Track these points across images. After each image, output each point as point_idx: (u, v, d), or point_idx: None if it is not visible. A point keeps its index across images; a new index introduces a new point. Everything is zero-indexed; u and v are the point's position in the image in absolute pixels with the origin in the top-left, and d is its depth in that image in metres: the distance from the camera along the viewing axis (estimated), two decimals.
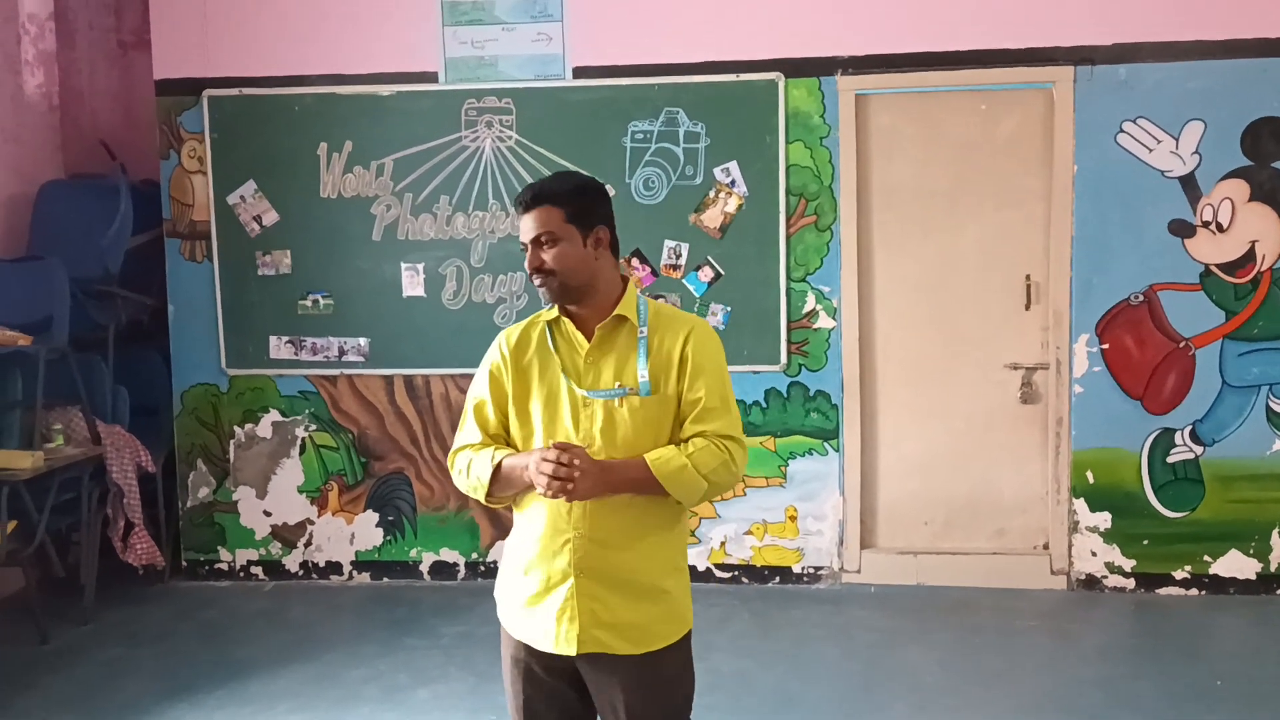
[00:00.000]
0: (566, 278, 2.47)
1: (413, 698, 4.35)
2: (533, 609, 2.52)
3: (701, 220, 5.39)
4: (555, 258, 2.46)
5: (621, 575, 2.48)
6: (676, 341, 2.51)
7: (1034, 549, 5.42)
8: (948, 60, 5.21)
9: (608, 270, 2.54)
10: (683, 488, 2.44)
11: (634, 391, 2.47)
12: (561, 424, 2.49)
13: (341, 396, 5.65)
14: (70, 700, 4.38)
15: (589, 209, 2.51)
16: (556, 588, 2.48)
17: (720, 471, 2.46)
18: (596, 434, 2.47)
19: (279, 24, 5.50)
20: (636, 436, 2.47)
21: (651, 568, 2.50)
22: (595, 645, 2.47)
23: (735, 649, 4.75)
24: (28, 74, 5.88)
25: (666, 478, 2.42)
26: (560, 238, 2.46)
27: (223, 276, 5.61)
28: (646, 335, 2.51)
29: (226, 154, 5.57)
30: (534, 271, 2.48)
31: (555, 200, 2.48)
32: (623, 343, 2.51)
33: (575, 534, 2.46)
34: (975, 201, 5.34)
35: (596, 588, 2.46)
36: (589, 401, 2.48)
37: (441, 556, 5.67)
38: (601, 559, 2.46)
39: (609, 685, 2.49)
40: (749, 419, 5.43)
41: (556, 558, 2.48)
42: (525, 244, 2.50)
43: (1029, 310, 5.34)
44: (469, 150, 5.47)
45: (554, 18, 5.38)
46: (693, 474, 2.43)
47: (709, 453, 2.44)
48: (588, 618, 2.46)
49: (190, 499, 5.76)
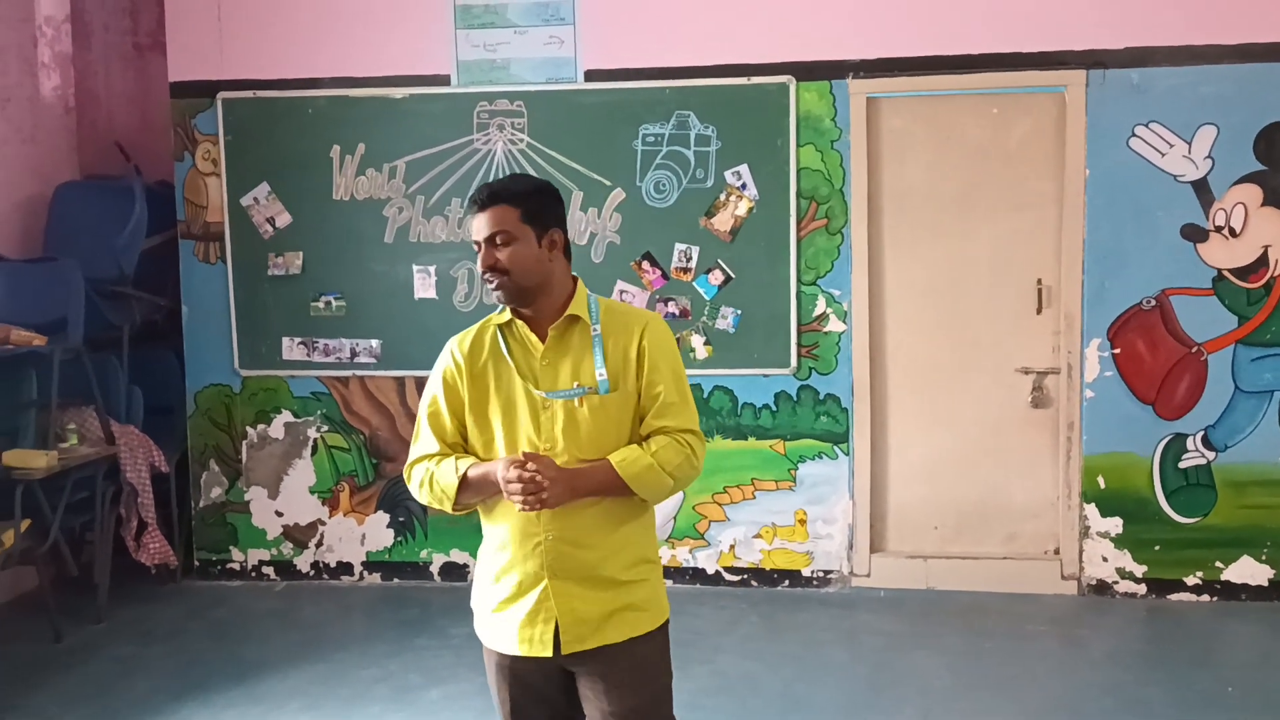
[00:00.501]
0: (520, 278, 2.46)
1: (423, 698, 4.36)
2: (504, 614, 2.52)
3: (712, 223, 5.40)
4: (509, 257, 2.45)
5: (594, 572, 2.48)
6: (632, 338, 2.51)
7: (1045, 554, 5.41)
8: (959, 64, 5.21)
9: (560, 273, 2.53)
10: (649, 487, 2.46)
11: (593, 390, 2.47)
12: (522, 427, 2.48)
13: (353, 398, 5.67)
14: (83, 698, 4.41)
15: (544, 210, 2.51)
16: (529, 591, 2.48)
17: (683, 468, 2.48)
18: (558, 435, 2.47)
19: (293, 27, 5.53)
20: (599, 434, 2.47)
21: (623, 561, 2.51)
22: (578, 643, 2.48)
23: (743, 651, 4.75)
24: (44, 76, 5.93)
25: (633, 479, 2.44)
26: (515, 237, 2.45)
27: (236, 278, 5.65)
28: (600, 333, 2.51)
29: (240, 156, 5.60)
30: (487, 270, 2.47)
31: (511, 200, 2.48)
32: (577, 342, 2.51)
33: (545, 536, 2.47)
34: (987, 205, 5.33)
35: (572, 587, 2.47)
36: (549, 403, 2.47)
37: (451, 558, 5.69)
38: (573, 558, 2.47)
39: (591, 680, 2.51)
40: (758, 422, 5.43)
41: (527, 561, 2.48)
42: (479, 242, 2.49)
43: (1040, 314, 5.33)
44: (481, 153, 5.49)
45: (566, 21, 5.39)
46: (658, 473, 2.45)
47: (672, 450, 2.46)
48: (568, 616, 2.47)
49: (203, 499, 5.79)
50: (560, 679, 2.54)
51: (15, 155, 5.70)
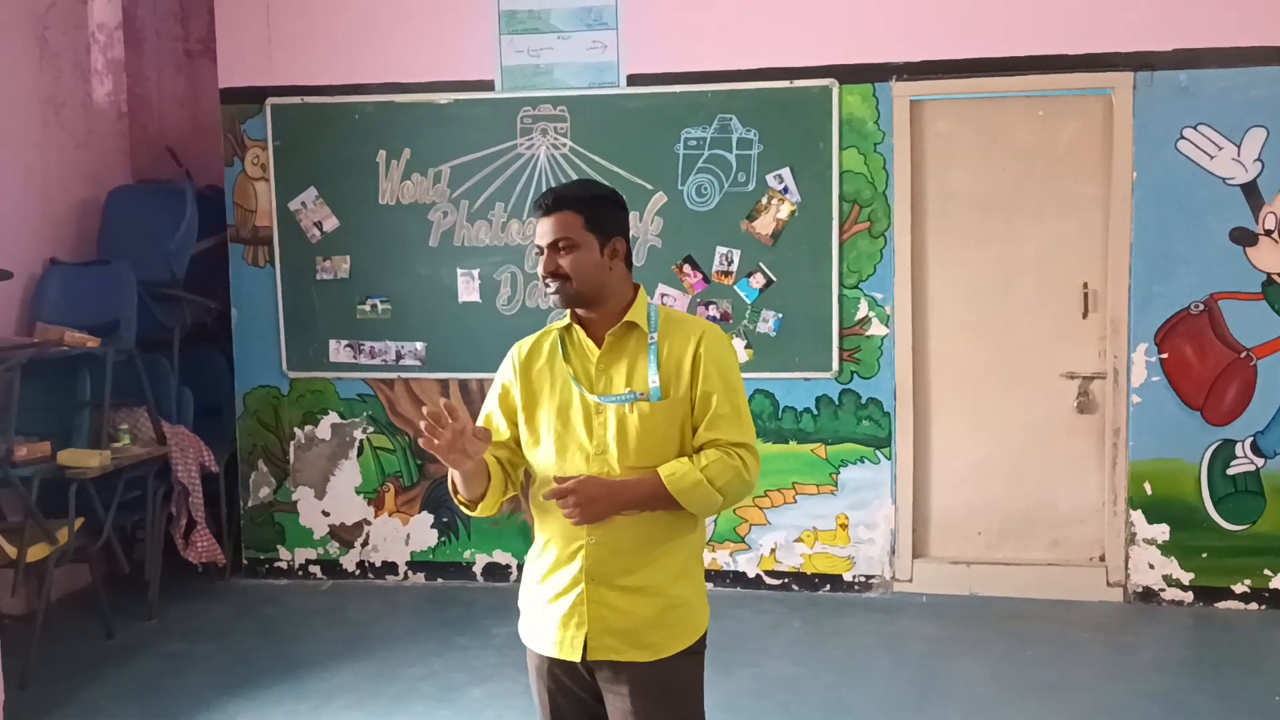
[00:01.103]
0: (580, 284, 2.47)
1: (467, 696, 4.41)
2: (544, 615, 2.53)
3: (754, 227, 5.40)
4: (571, 264, 2.46)
5: (632, 582, 2.47)
6: (687, 346, 2.50)
7: (1090, 560, 5.37)
8: (1005, 66, 5.18)
9: (619, 280, 2.53)
10: (697, 503, 2.43)
11: (644, 397, 2.47)
12: (574, 432, 2.50)
13: (398, 399, 5.74)
14: (134, 693, 4.50)
15: (607, 218, 2.52)
16: (567, 594, 2.49)
17: (735, 483, 2.44)
18: (610, 440, 2.47)
19: (340, 34, 5.60)
20: (648, 442, 2.46)
21: (662, 574, 2.49)
22: (606, 652, 2.47)
23: (786, 656, 4.75)
24: (97, 82, 6.04)
25: (681, 494, 2.41)
26: (578, 244, 2.46)
27: (284, 281, 5.72)
28: (656, 341, 2.50)
29: (288, 161, 5.68)
30: (548, 276, 2.48)
31: (575, 206, 2.48)
32: (633, 349, 2.51)
33: (587, 541, 2.47)
34: (1032, 209, 5.30)
35: (607, 594, 2.46)
36: (601, 408, 2.48)
37: (494, 558, 5.74)
38: (611, 565, 2.46)
39: (619, 692, 2.49)
40: (799, 426, 5.43)
41: (569, 564, 2.49)
42: (541, 247, 2.50)
43: (1086, 319, 5.29)
44: (524, 157, 5.53)
45: (609, 26, 5.42)
46: (707, 489, 2.41)
47: (722, 464, 2.43)
48: (597, 624, 2.46)
49: (251, 498, 5.88)
50: (596, 685, 2.54)
51: (70, 160, 5.82)
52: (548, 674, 2.56)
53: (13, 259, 5.16)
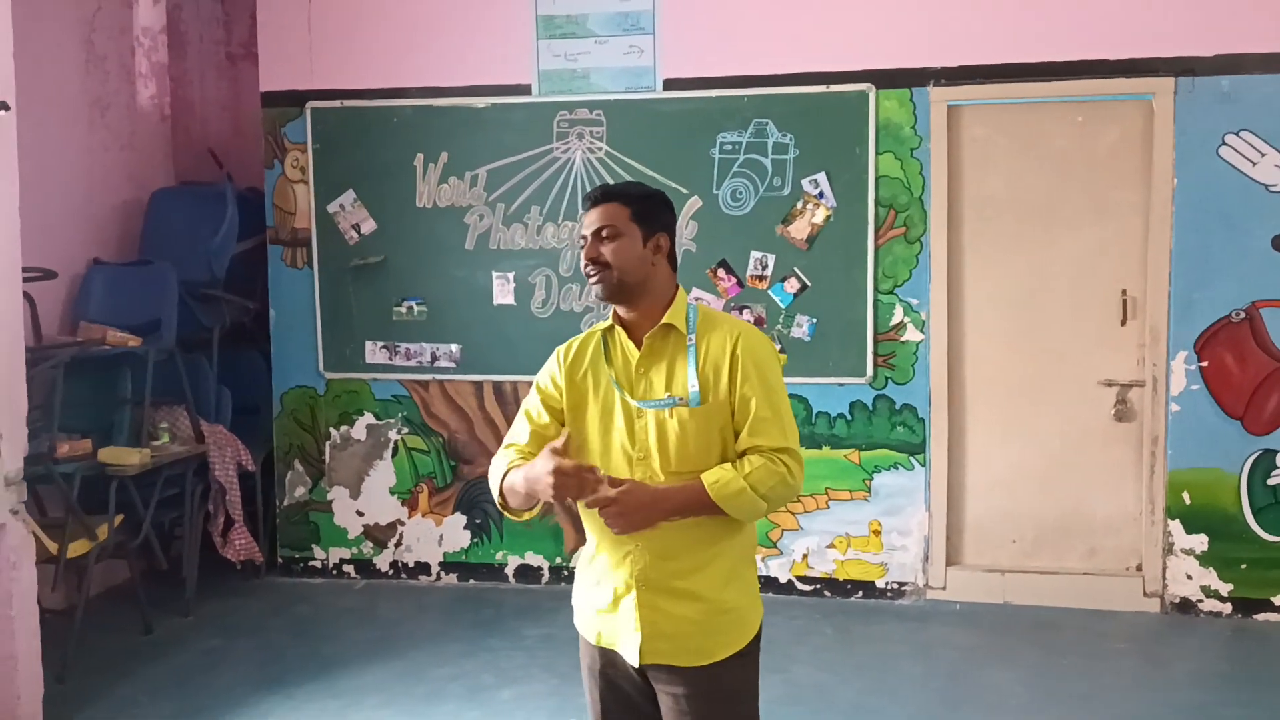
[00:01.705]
0: (621, 274, 2.47)
1: (496, 697, 4.43)
2: (606, 618, 2.54)
3: (788, 231, 5.40)
4: (613, 252, 2.47)
5: (680, 585, 2.47)
6: (724, 346, 2.48)
7: (1126, 570, 5.31)
8: (1044, 71, 5.14)
9: (661, 277, 2.53)
10: (741, 509, 2.42)
11: (684, 402, 2.46)
12: (616, 435, 2.50)
13: (433, 401, 5.78)
14: (170, 688, 4.56)
15: (654, 213, 2.54)
16: (622, 599, 2.50)
17: (778, 489, 2.42)
18: (651, 445, 2.47)
19: (379, 38, 5.65)
20: (689, 446, 2.45)
21: (711, 578, 2.48)
22: (657, 656, 2.47)
23: (816, 662, 4.74)
24: (141, 85, 6.14)
25: (725, 501, 2.39)
26: (622, 233, 2.48)
27: (322, 282, 5.78)
28: (695, 343, 2.50)
29: (327, 164, 5.74)
30: (590, 262, 2.49)
31: (623, 199, 2.52)
32: (671, 351, 2.51)
33: (635, 546, 2.47)
34: (1071, 215, 5.25)
35: (657, 599, 2.46)
36: (642, 412, 2.48)
37: (526, 560, 5.76)
38: (660, 570, 2.46)
39: (673, 696, 2.49)
40: (833, 431, 5.42)
41: (619, 569, 2.49)
42: (586, 236, 2.52)
43: (1125, 326, 5.24)
44: (560, 161, 5.56)
45: (646, 30, 5.44)
46: (751, 496, 2.39)
47: (766, 471, 2.41)
48: (649, 629, 2.46)
49: (287, 497, 5.94)
50: (648, 687, 2.54)
51: (114, 161, 5.91)
52: (600, 674, 2.57)
53: (57, 258, 5.25)
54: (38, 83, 5.02)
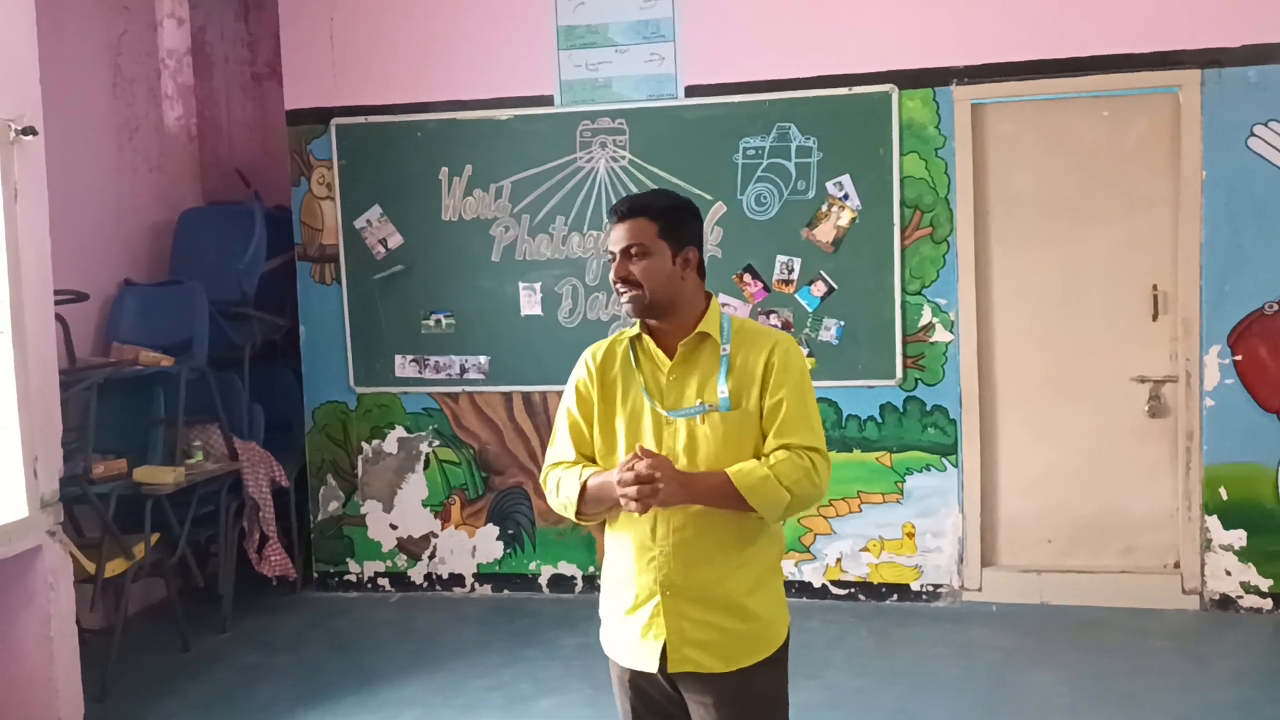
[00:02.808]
0: (652, 292, 2.48)
1: (534, 707, 4.43)
2: (624, 625, 2.53)
3: (814, 235, 5.39)
4: (643, 270, 2.47)
5: (707, 591, 2.46)
6: (760, 356, 2.49)
7: (1164, 567, 5.26)
8: (1068, 66, 5.11)
9: (691, 290, 2.53)
10: (765, 500, 2.40)
11: (714, 408, 2.46)
12: (645, 440, 2.50)
13: (463, 413, 5.79)
14: (210, 705, 4.58)
15: (682, 227, 2.53)
16: (644, 605, 2.49)
17: (803, 483, 2.41)
18: (680, 452, 2.47)
19: (402, 53, 5.68)
20: (719, 453, 2.45)
21: (737, 584, 2.48)
22: (685, 664, 2.46)
23: (853, 666, 4.72)
24: (168, 107, 6.19)
25: (748, 489, 2.39)
26: (650, 251, 2.47)
27: (351, 298, 5.81)
28: (729, 352, 2.50)
29: (353, 180, 5.77)
30: (619, 281, 2.49)
31: (650, 214, 2.50)
32: (705, 360, 2.51)
33: (660, 551, 2.46)
34: (1099, 210, 5.22)
35: (683, 604, 2.46)
36: (671, 420, 2.49)
37: (560, 570, 5.76)
38: (686, 576, 2.45)
39: (703, 704, 2.48)
40: (864, 434, 5.40)
41: (643, 575, 2.49)
42: (614, 253, 2.51)
43: (1156, 321, 5.19)
44: (584, 171, 5.57)
45: (666, 38, 5.45)
46: (774, 485, 2.39)
47: (790, 464, 2.41)
48: (675, 635, 2.45)
49: (321, 512, 5.97)
50: (680, 697, 2.53)
51: (143, 183, 5.97)
52: (630, 685, 2.56)
53: (89, 280, 5.30)
54: (66, 106, 5.07)
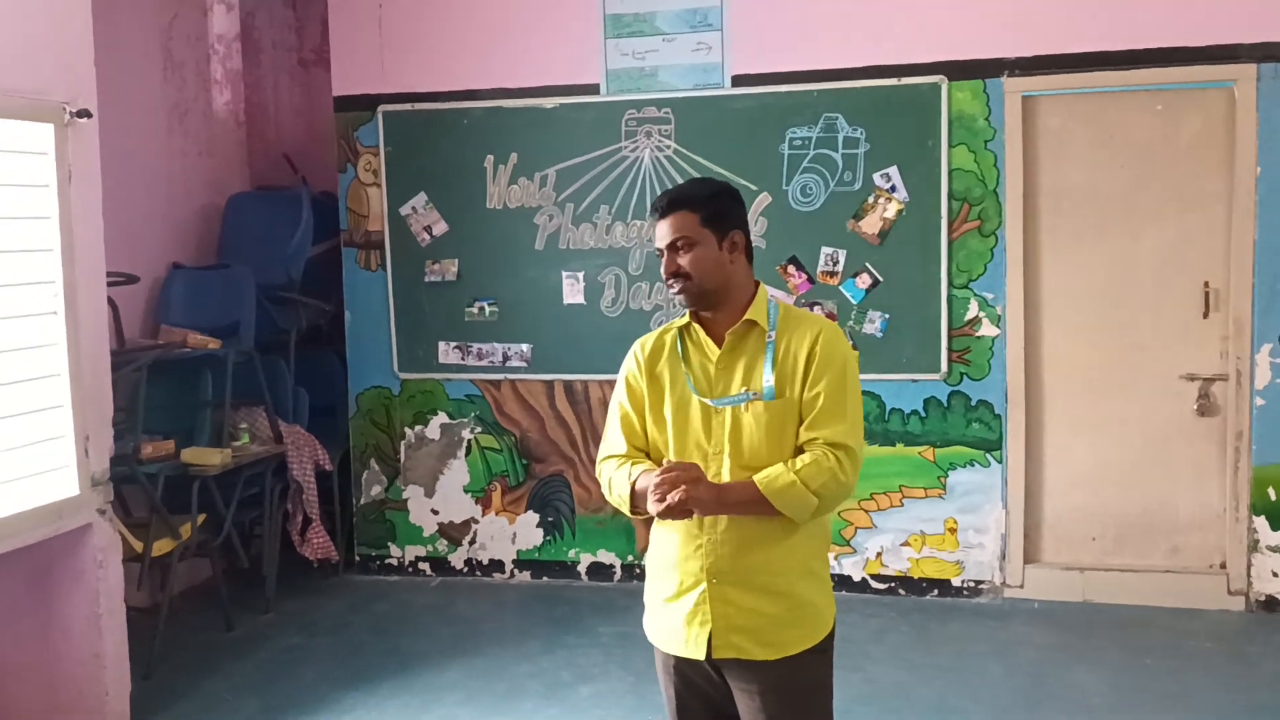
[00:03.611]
0: (703, 282, 2.48)
1: (574, 694, 4.45)
2: (668, 611, 2.54)
3: (860, 226, 5.35)
4: (691, 262, 2.47)
5: (754, 579, 2.46)
6: (804, 342, 2.48)
7: (1210, 568, 5.20)
8: (1121, 59, 5.05)
9: (741, 275, 2.53)
10: (792, 505, 2.39)
11: (758, 396, 2.46)
12: (692, 431, 2.50)
13: (505, 400, 5.81)
14: (253, 685, 4.64)
15: (724, 213, 2.52)
16: (689, 592, 2.49)
17: (829, 486, 2.39)
18: (725, 440, 2.47)
19: (449, 41, 5.69)
20: (762, 441, 2.45)
21: (784, 571, 2.48)
22: (731, 650, 2.46)
23: (893, 661, 4.70)
24: (216, 92, 6.25)
25: (774, 495, 2.38)
26: (696, 241, 2.47)
27: (395, 284, 5.84)
28: (774, 339, 2.49)
29: (399, 167, 5.80)
30: (670, 276, 2.49)
31: (691, 205, 2.49)
32: (752, 347, 2.51)
33: (707, 539, 2.47)
34: (1151, 206, 5.15)
35: (730, 591, 2.46)
36: (719, 409, 2.49)
37: (599, 558, 5.78)
38: (733, 562, 2.46)
39: (748, 692, 2.49)
40: (907, 428, 5.37)
41: (689, 561, 2.49)
42: (661, 250, 2.51)
43: (1207, 318, 5.13)
44: (628, 160, 5.56)
45: (714, 27, 5.42)
46: (801, 490, 2.38)
47: (817, 467, 2.39)
48: (721, 622, 2.46)
49: (363, 496, 6.02)
50: (725, 684, 2.54)
51: (192, 167, 6.02)
52: (675, 672, 2.57)
53: (139, 263, 5.36)
54: (118, 90, 5.11)
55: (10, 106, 3.75)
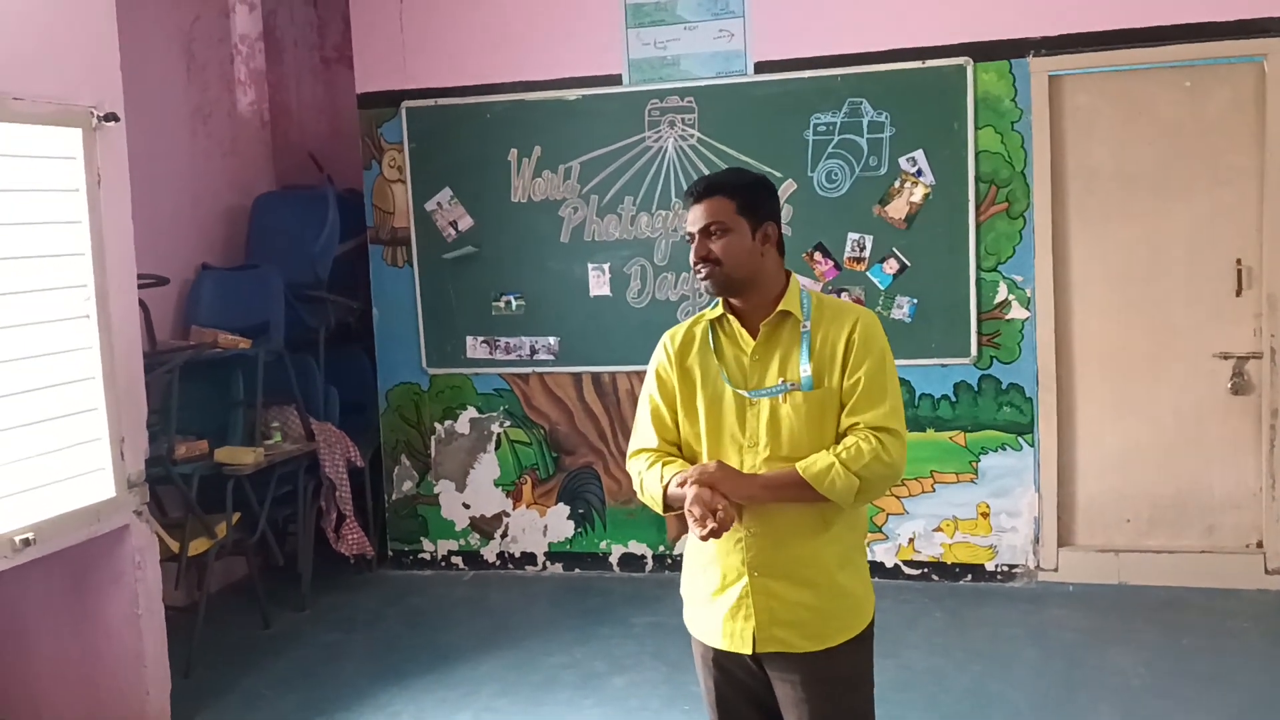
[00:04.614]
0: (731, 270, 2.46)
1: (609, 684, 4.46)
2: (710, 606, 2.54)
3: (886, 211, 5.32)
4: (723, 248, 2.46)
5: (795, 570, 2.46)
6: (842, 332, 2.47)
7: (1246, 547, 5.15)
8: (1148, 36, 4.99)
9: (772, 267, 2.52)
10: (834, 488, 2.37)
11: (796, 386, 2.45)
12: (726, 424, 2.50)
13: (533, 394, 5.82)
14: (292, 680, 4.67)
15: (760, 203, 2.51)
16: (732, 585, 2.49)
17: (873, 467, 2.37)
18: (762, 432, 2.46)
19: (471, 36, 5.69)
20: (801, 431, 2.44)
21: (825, 562, 2.47)
22: (775, 644, 2.46)
23: (928, 646, 4.69)
24: (240, 92, 6.28)
25: (814, 478, 2.37)
26: (730, 228, 2.46)
27: (422, 280, 5.86)
28: (810, 329, 2.48)
29: (424, 162, 5.81)
30: (700, 261, 2.48)
31: (727, 191, 2.48)
32: (787, 338, 2.50)
33: (748, 532, 2.46)
34: (1181, 183, 5.10)
35: (772, 584, 2.46)
36: (755, 401, 2.48)
37: (630, 549, 5.79)
38: (774, 555, 2.45)
39: (789, 683, 2.48)
40: (937, 413, 5.34)
41: (730, 555, 2.49)
42: (693, 233, 2.50)
43: (1240, 296, 5.07)
44: (652, 150, 5.55)
45: (735, 14, 5.40)
46: (841, 471, 2.36)
47: (858, 449, 2.37)
48: (765, 615, 2.46)
49: (395, 492, 6.05)
50: (764, 675, 2.54)
51: (218, 168, 6.06)
52: (714, 664, 2.57)
53: (168, 265, 5.39)
54: (143, 93, 5.14)
55: (39, 112, 3.78)
